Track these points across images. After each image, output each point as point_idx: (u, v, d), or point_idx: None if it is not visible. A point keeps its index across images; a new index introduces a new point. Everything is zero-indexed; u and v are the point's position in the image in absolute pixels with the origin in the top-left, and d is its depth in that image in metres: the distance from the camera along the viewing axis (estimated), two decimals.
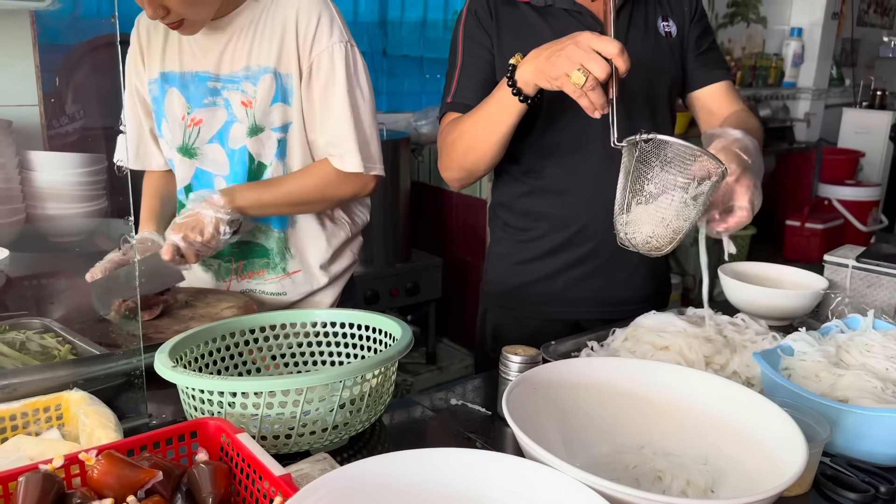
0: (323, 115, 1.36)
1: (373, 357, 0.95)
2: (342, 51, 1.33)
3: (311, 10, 1.32)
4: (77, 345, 1.18)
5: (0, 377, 1.01)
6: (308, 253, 1.46)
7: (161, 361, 0.92)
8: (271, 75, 1.34)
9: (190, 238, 1.27)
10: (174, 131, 1.42)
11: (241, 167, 1.39)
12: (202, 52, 1.37)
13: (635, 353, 1.15)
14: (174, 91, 1.40)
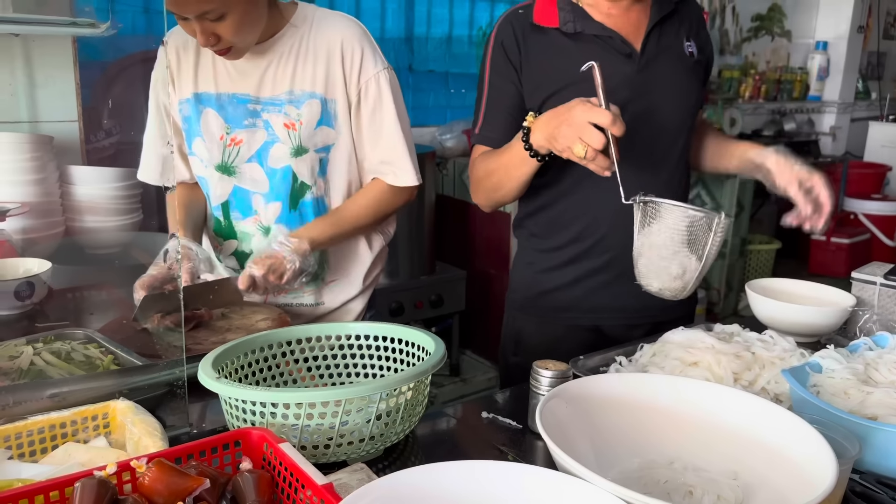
0: (374, 137, 1.45)
1: (408, 370, 0.98)
2: (386, 77, 1.43)
3: (355, 41, 1.40)
4: (119, 355, 1.22)
5: (50, 386, 1.05)
6: (350, 263, 1.54)
7: (205, 372, 0.95)
8: (318, 100, 1.41)
9: (269, 278, 1.34)
10: (211, 150, 1.46)
11: (284, 186, 1.44)
12: (240, 74, 1.41)
13: (664, 369, 1.16)
14: (210, 111, 1.44)
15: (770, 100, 4.85)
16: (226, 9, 1.25)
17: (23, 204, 1.64)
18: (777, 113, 4.90)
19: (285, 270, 1.35)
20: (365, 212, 1.48)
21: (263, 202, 1.47)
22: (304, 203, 1.47)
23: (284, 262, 1.35)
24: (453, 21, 3.52)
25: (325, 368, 1.18)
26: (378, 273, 1.62)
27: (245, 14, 1.28)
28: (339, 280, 1.54)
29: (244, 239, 1.52)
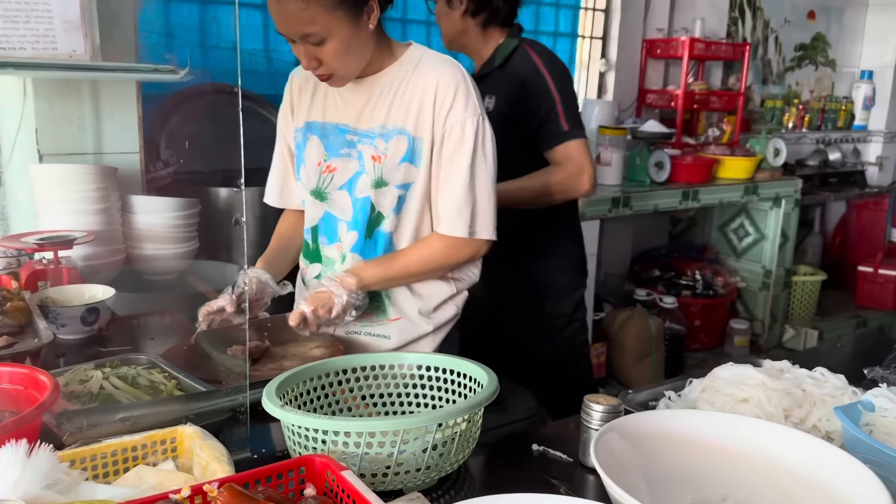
0: (444, 182, 1.44)
1: (463, 402, 1.01)
2: (473, 124, 1.41)
3: (450, 83, 1.40)
4: (182, 380, 1.27)
5: (120, 410, 1.11)
6: (405, 304, 1.51)
7: (269, 400, 1.00)
8: (405, 137, 1.43)
9: (319, 313, 1.37)
10: (309, 175, 1.52)
11: (363, 215, 1.47)
12: (345, 106, 1.47)
13: (714, 405, 1.17)
14: (314, 139, 1.50)
15: (814, 129, 4.81)
16: (327, 34, 1.31)
17: (88, 232, 1.72)
18: (822, 143, 4.84)
19: (333, 305, 1.38)
20: (417, 262, 1.47)
21: (346, 230, 1.50)
22: (379, 233, 1.49)
23: (332, 297, 1.38)
24: None
25: (378, 397, 1.21)
26: (451, 318, 1.57)
27: (346, 41, 1.33)
28: (403, 319, 1.52)
29: (327, 264, 1.55)
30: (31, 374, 1.10)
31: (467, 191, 1.42)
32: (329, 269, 1.54)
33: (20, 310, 1.38)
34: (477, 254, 1.50)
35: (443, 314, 1.55)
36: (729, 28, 4.29)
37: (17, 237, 1.68)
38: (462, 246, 1.46)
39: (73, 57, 1.09)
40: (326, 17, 1.29)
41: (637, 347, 3.42)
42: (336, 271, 1.46)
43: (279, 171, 1.64)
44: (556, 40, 3.74)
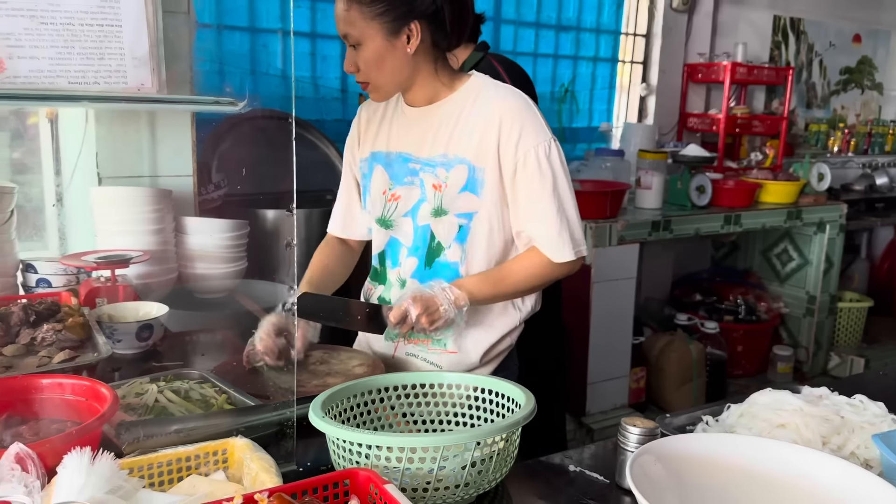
0: (531, 210, 1.44)
1: (501, 421, 1.04)
2: (546, 150, 1.42)
3: (515, 115, 1.42)
4: (232, 395, 1.32)
5: (174, 422, 1.16)
6: (467, 340, 1.52)
7: (315, 414, 1.04)
8: (465, 166, 1.44)
9: (422, 320, 1.37)
10: (375, 204, 1.56)
11: (423, 242, 1.50)
12: (407, 134, 1.51)
13: (751, 430, 1.18)
14: (379, 168, 1.55)
15: (860, 153, 4.74)
16: (362, 39, 1.38)
17: (144, 252, 1.80)
18: (868, 167, 4.77)
19: (439, 318, 1.38)
20: (524, 276, 1.47)
21: (406, 255, 1.54)
22: (439, 264, 1.50)
23: (440, 310, 1.38)
24: (536, 79, 3.63)
25: (418, 416, 1.25)
26: (505, 350, 1.58)
27: (378, 53, 1.38)
28: (460, 354, 1.52)
29: (388, 287, 1.58)
30: (92, 386, 1.17)
31: (560, 214, 1.43)
32: (389, 292, 1.57)
33: (80, 325, 1.45)
34: (574, 269, 1.50)
35: (498, 348, 1.56)
36: (772, 52, 4.28)
37: (77, 256, 1.76)
38: (565, 265, 1.47)
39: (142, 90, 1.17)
40: (363, 23, 1.36)
41: (677, 373, 3.39)
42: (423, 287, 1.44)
43: (344, 200, 1.68)
44: (596, 65, 3.78)
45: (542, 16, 3.51)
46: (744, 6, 4.10)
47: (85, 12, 1.06)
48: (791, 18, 4.35)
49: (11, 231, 1.80)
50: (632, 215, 3.27)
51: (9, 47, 0.99)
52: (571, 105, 3.70)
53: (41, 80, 1.04)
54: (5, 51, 0.98)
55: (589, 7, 3.65)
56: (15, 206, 1.81)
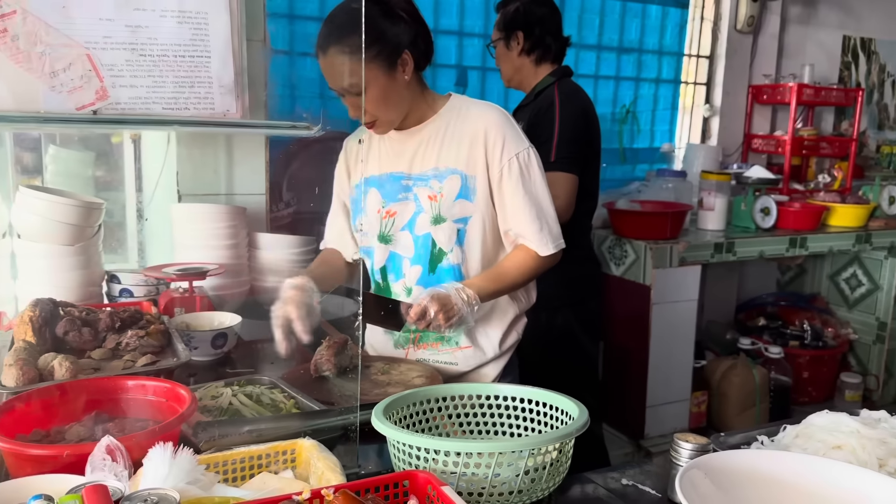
0: (517, 212, 1.59)
1: (554, 431, 1.08)
2: (525, 157, 1.59)
3: (497, 128, 1.58)
4: (299, 400, 1.40)
5: (246, 423, 1.24)
6: (480, 334, 1.66)
7: (378, 419, 1.10)
8: (459, 176, 1.59)
9: (439, 317, 1.47)
10: (371, 223, 1.69)
11: (425, 251, 1.64)
12: (397, 156, 1.65)
13: (806, 451, 1.18)
14: (373, 190, 1.68)
15: None
16: (365, 84, 1.49)
17: (219, 265, 1.91)
18: None
19: (454, 315, 1.49)
20: (519, 272, 1.61)
21: (409, 265, 1.66)
22: (441, 269, 1.63)
23: (455, 308, 1.49)
24: (597, 100, 3.66)
25: (474, 425, 1.29)
26: (514, 344, 1.72)
27: (383, 90, 1.52)
28: (473, 348, 1.66)
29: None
30: (172, 388, 1.26)
31: (539, 213, 1.59)
32: None
33: (161, 332, 1.55)
34: (554, 262, 1.65)
35: (507, 341, 1.69)
36: (841, 73, 4.19)
37: (158, 268, 1.88)
38: (549, 258, 1.63)
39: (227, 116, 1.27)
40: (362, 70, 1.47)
41: (740, 398, 3.34)
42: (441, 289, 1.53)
43: (335, 226, 1.81)
44: (658, 86, 3.78)
45: (604, 38, 3.55)
46: (812, 27, 4.04)
47: (178, 45, 1.17)
48: (861, 38, 4.25)
49: (99, 244, 1.93)
50: (693, 237, 3.25)
51: (112, 77, 1.10)
52: (632, 126, 3.71)
53: (139, 106, 1.15)
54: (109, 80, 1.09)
55: (651, 30, 3.67)
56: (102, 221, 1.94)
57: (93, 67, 1.11)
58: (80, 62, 1.08)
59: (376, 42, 1.48)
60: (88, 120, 1.19)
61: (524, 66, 2.42)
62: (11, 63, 1.04)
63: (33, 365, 1.33)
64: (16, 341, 1.44)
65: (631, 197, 3.31)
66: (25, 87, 1.08)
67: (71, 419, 1.21)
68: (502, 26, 2.42)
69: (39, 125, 1.37)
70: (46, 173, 2.31)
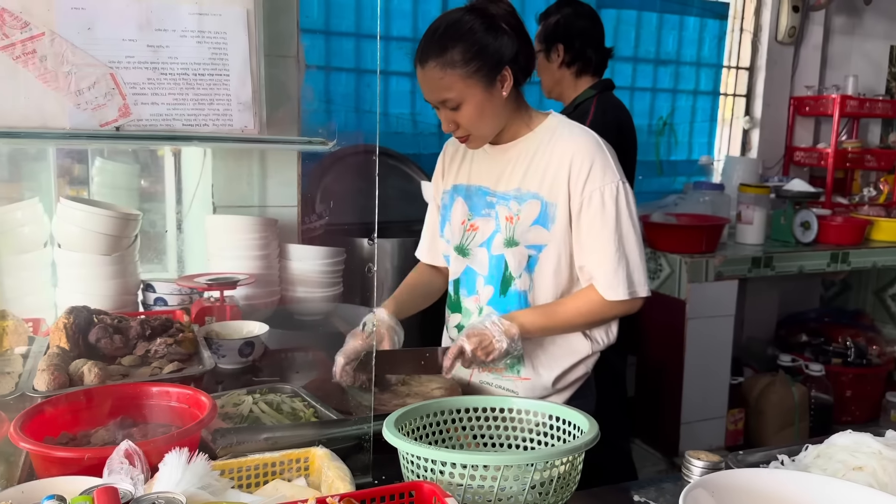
0: (591, 247, 1.51)
1: (562, 445, 1.08)
2: (612, 191, 1.48)
3: (586, 153, 1.49)
4: (318, 409, 1.42)
5: (265, 431, 1.27)
6: (540, 367, 1.59)
7: (389, 430, 1.12)
8: (538, 201, 1.52)
9: (477, 353, 1.46)
10: (454, 233, 1.66)
11: (497, 271, 1.58)
12: (487, 170, 1.61)
13: (826, 471, 1.15)
14: (460, 200, 1.65)
15: None
16: (462, 100, 1.46)
17: (250, 275, 1.96)
18: None
19: (493, 350, 1.45)
20: (576, 313, 1.53)
21: (483, 283, 1.61)
22: (511, 293, 1.57)
23: (493, 342, 1.45)
24: (633, 111, 3.64)
25: (487, 437, 1.30)
26: (581, 378, 1.63)
27: (479, 106, 1.47)
28: (532, 380, 1.59)
29: (466, 315, 1.66)
30: (194, 395, 1.30)
31: (618, 254, 1.48)
32: (467, 319, 1.65)
33: (189, 340, 1.60)
34: (631, 310, 1.54)
35: (572, 375, 1.61)
36: (889, 84, 4.08)
37: (191, 278, 1.94)
38: (620, 304, 1.52)
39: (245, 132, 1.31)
40: (461, 84, 1.45)
41: (778, 416, 3.26)
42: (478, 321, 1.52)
43: (430, 229, 1.78)
44: (696, 98, 3.74)
45: (641, 50, 3.53)
46: (857, 37, 3.94)
47: (198, 64, 1.21)
48: None
49: (135, 254, 2.00)
50: (731, 251, 3.20)
51: (134, 95, 1.15)
52: (670, 138, 3.68)
53: (160, 122, 1.20)
54: (131, 98, 1.14)
55: (689, 41, 3.64)
56: (140, 232, 2.01)
57: (116, 86, 1.16)
58: (104, 81, 1.14)
59: (477, 57, 1.42)
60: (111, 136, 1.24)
61: (564, 78, 2.41)
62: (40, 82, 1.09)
63: (64, 370, 1.38)
64: (50, 347, 1.50)
65: (668, 210, 3.28)
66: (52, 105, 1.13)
67: (97, 423, 1.26)
68: (543, 38, 2.41)
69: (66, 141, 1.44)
70: (93, 185, 2.41)
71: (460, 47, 1.43)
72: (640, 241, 1.53)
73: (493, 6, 1.48)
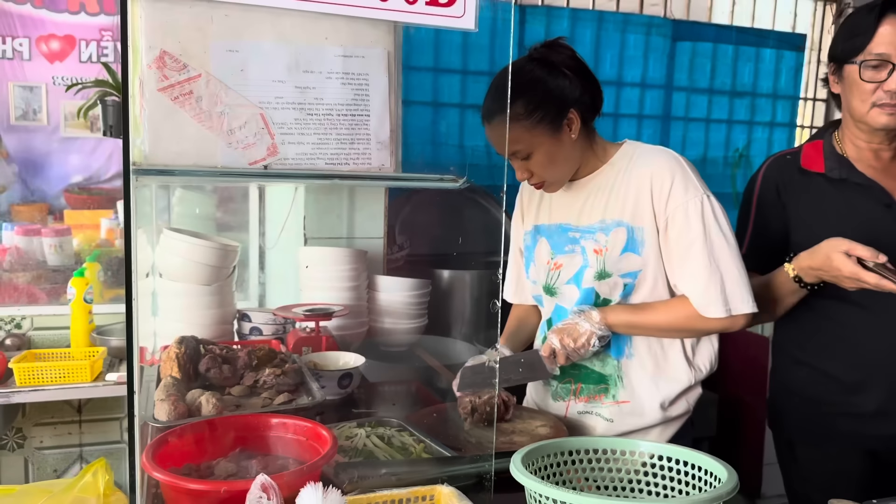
0: (681, 265, 1.48)
1: (701, 495, 1.04)
2: (697, 205, 1.45)
3: (665, 172, 1.47)
4: (428, 444, 1.42)
5: (383, 466, 1.27)
6: (639, 387, 1.55)
7: (517, 469, 1.10)
8: (624, 228, 1.51)
9: (565, 342, 1.49)
10: (539, 273, 1.66)
11: (588, 303, 1.55)
12: (566, 207, 1.60)
13: None
14: (543, 240, 1.64)
15: None
16: (531, 149, 1.48)
17: (344, 307, 1.97)
18: None
19: (579, 334, 1.49)
20: (666, 319, 1.50)
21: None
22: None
23: (577, 327, 1.49)
24: (708, 143, 3.60)
25: (609, 481, 1.26)
26: (682, 414, 1.59)
27: (549, 154, 1.49)
28: (632, 404, 1.56)
29: None
30: (313, 427, 1.30)
31: (709, 270, 1.44)
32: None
33: (295, 371, 1.61)
34: (732, 327, 1.48)
35: (674, 409, 1.57)
36: None
37: (288, 308, 1.96)
38: (717, 321, 1.47)
39: (382, 170, 1.34)
40: (528, 135, 1.46)
41: None
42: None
43: (514, 270, 1.79)
44: (772, 130, 3.68)
45: (716, 82, 3.50)
46: None
47: (342, 104, 1.25)
48: None
49: (232, 284, 2.04)
50: None
51: (282, 134, 1.19)
52: (746, 170, 3.62)
53: (304, 161, 1.23)
54: (279, 137, 1.18)
55: (765, 73, 3.59)
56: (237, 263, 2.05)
57: (265, 125, 1.19)
58: (255, 121, 1.17)
59: (540, 107, 1.44)
60: (260, 174, 1.27)
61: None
62: (195, 121, 1.13)
63: (182, 400, 1.40)
64: (163, 377, 1.53)
65: None
66: (206, 144, 1.17)
67: (218, 454, 1.27)
68: None
69: (217, 179, 1.49)
70: (172, 214, 2.48)
71: (522, 100, 1.44)
72: (738, 255, 1.47)
73: (552, 53, 1.50)
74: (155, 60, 1.11)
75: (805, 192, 1.63)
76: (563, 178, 1.56)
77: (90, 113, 2.57)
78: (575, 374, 1.60)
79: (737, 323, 1.47)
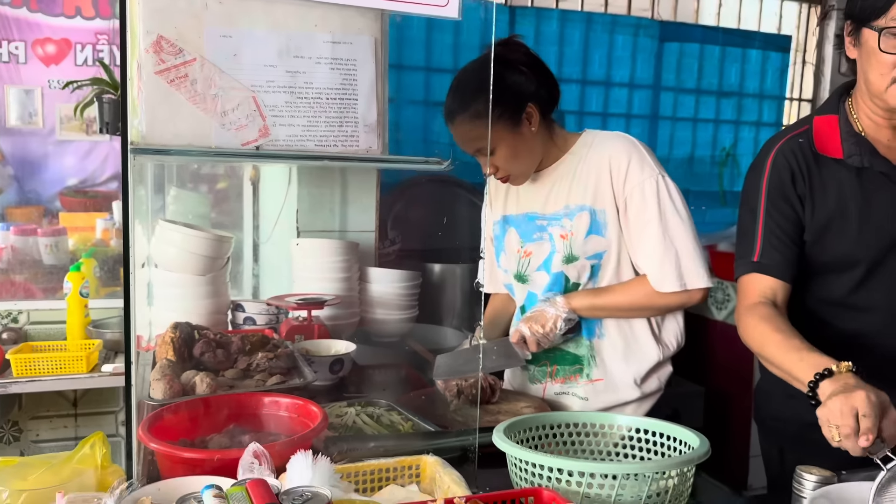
0: (639, 242, 1.55)
1: (679, 456, 1.09)
2: (653, 185, 1.52)
3: (622, 154, 1.55)
4: (416, 422, 1.46)
5: (371, 440, 1.32)
6: (612, 365, 1.62)
7: (500, 438, 1.15)
8: (587, 212, 1.58)
9: (534, 329, 1.55)
10: (510, 262, 1.72)
11: (557, 287, 1.63)
12: (532, 196, 1.67)
13: None
14: (512, 229, 1.71)
15: None
16: (494, 145, 1.54)
17: (335, 296, 2.02)
18: None
19: (546, 319, 1.55)
20: (626, 300, 1.57)
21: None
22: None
23: (544, 313, 1.56)
24: (696, 143, 3.66)
25: (588, 454, 1.31)
26: (655, 391, 1.66)
27: (512, 148, 1.56)
28: (606, 381, 1.62)
29: None
30: (304, 405, 1.35)
31: (664, 246, 1.51)
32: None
33: (288, 355, 1.66)
34: (689, 301, 1.55)
35: (647, 386, 1.63)
36: None
37: (281, 298, 2.01)
38: (674, 295, 1.54)
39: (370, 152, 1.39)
40: (490, 132, 1.50)
41: None
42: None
43: (488, 260, 1.84)
44: (759, 130, 3.75)
45: (703, 82, 3.56)
46: None
47: (331, 88, 1.30)
48: None
49: (226, 275, 2.08)
50: None
51: (273, 116, 1.24)
52: (733, 169, 3.68)
53: (294, 143, 1.28)
54: (270, 119, 1.23)
55: (752, 74, 3.66)
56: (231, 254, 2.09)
57: (257, 108, 1.24)
58: (247, 103, 1.22)
59: (498, 103, 1.46)
60: (252, 154, 1.32)
61: None
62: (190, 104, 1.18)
63: (178, 380, 1.45)
64: (158, 360, 1.57)
65: (733, 240, 3.26)
66: (200, 125, 1.22)
67: (212, 430, 1.31)
68: None
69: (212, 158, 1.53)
70: (167, 212, 2.52)
71: (481, 98, 1.46)
72: (692, 232, 1.53)
73: (508, 51, 1.55)
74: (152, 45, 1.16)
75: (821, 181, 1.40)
76: (527, 170, 1.61)
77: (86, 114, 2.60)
78: (550, 356, 1.66)
79: (693, 297, 1.54)
